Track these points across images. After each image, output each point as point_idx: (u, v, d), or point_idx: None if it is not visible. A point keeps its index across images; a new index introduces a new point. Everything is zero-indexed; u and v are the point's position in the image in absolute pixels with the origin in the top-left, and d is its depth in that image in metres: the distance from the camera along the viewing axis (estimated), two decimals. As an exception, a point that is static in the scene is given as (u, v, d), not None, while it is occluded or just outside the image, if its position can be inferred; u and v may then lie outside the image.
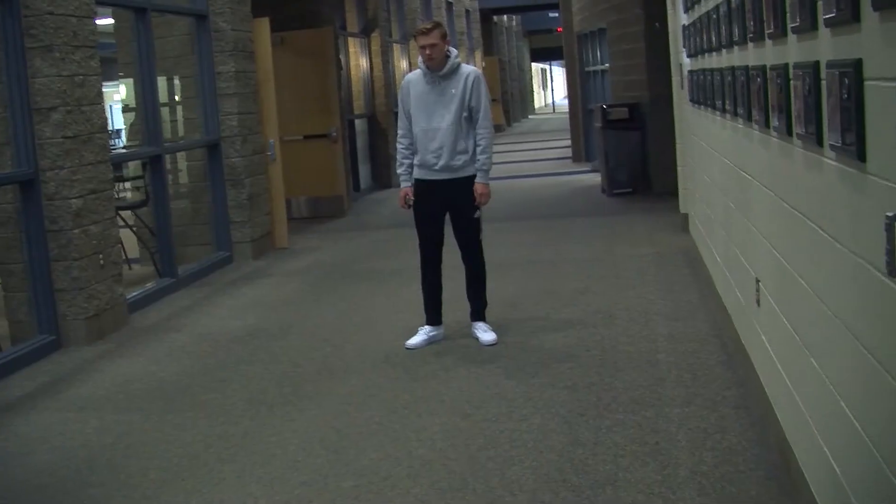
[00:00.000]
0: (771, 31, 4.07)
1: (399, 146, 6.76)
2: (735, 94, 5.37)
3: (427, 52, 6.43)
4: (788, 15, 3.68)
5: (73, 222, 7.21)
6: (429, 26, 6.46)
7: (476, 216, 6.70)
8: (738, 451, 4.50)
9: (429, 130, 6.56)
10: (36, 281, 7.22)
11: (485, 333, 6.67)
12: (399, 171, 6.79)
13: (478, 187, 6.63)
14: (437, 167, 6.58)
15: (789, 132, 3.79)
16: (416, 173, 6.70)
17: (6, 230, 7.45)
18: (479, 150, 6.59)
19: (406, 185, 6.74)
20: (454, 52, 6.60)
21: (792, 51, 3.69)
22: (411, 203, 6.75)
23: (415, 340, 6.68)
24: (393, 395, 5.70)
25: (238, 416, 5.56)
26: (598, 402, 5.28)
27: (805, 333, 3.79)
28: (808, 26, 3.31)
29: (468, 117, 6.55)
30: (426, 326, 6.79)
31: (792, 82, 3.68)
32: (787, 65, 3.77)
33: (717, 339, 6.27)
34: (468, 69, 6.62)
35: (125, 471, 4.86)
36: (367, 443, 4.96)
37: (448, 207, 6.74)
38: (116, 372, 6.65)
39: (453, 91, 6.51)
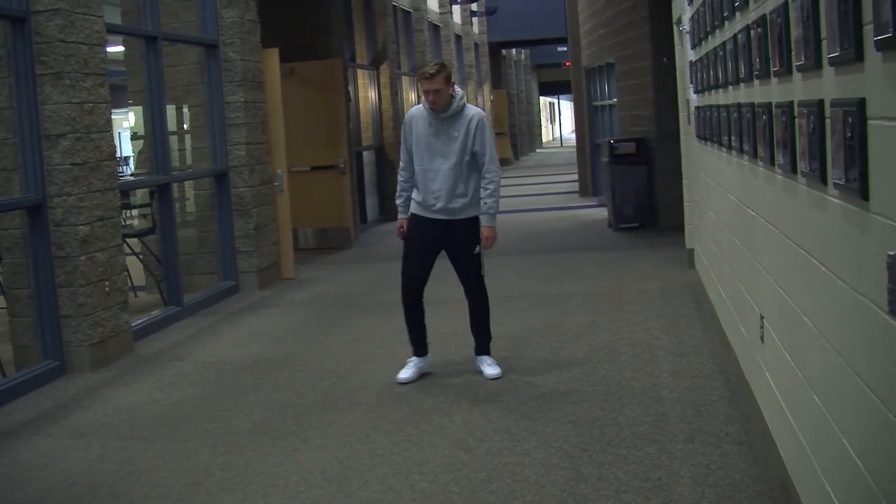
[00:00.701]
0: (776, 68, 4.09)
1: (399, 178, 6.76)
2: (741, 131, 5.39)
3: (430, 96, 6.39)
4: (794, 53, 3.70)
5: (80, 249, 7.24)
6: (432, 71, 6.33)
7: (476, 252, 6.67)
8: (740, 487, 4.49)
9: (429, 171, 6.53)
10: (42, 307, 7.23)
11: (489, 367, 6.66)
12: (397, 202, 6.79)
13: (484, 231, 6.61)
14: (435, 208, 6.56)
15: (794, 169, 3.80)
16: (414, 208, 6.67)
17: (13, 255, 7.49)
18: (486, 193, 6.54)
19: (402, 217, 6.74)
20: (459, 93, 6.53)
21: (797, 89, 3.71)
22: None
23: (406, 374, 6.66)
24: (396, 428, 5.69)
25: (241, 445, 5.56)
26: (602, 438, 5.27)
27: (807, 370, 3.79)
28: (813, 65, 3.32)
29: (470, 161, 6.50)
30: (414, 358, 6.77)
31: (797, 120, 3.69)
32: (791, 102, 3.79)
33: (722, 375, 6.26)
34: (472, 111, 6.55)
35: (127, 498, 4.86)
36: (370, 474, 4.95)
37: (445, 246, 6.70)
38: (120, 399, 6.66)
39: (456, 134, 6.47)
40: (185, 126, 11.16)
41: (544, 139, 57.31)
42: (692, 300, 8.62)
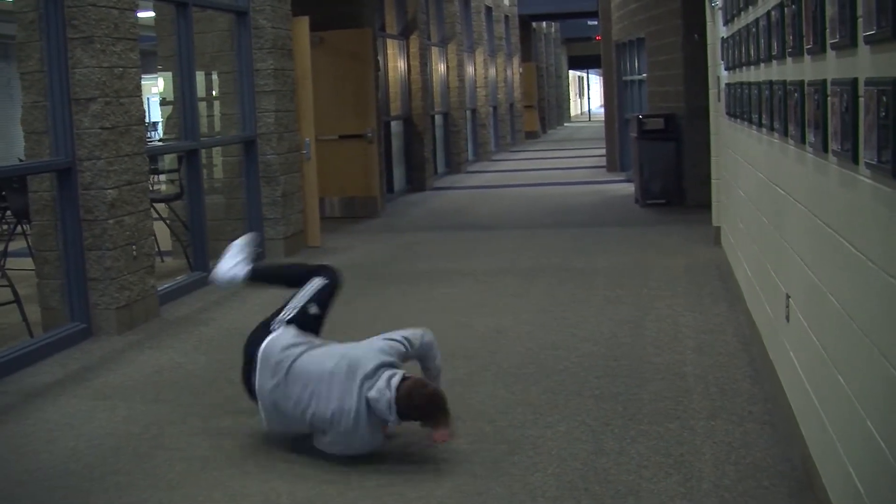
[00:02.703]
0: (810, 46, 4.06)
1: None
2: (772, 109, 5.36)
3: None
4: (828, 31, 3.67)
5: (108, 212, 7.27)
6: None
7: None
8: (762, 466, 4.48)
9: None
10: (69, 269, 7.28)
11: None
12: None
13: None
14: None
15: (825, 148, 3.78)
16: None
17: (42, 218, 7.53)
18: None
19: None
20: None
21: (830, 67, 3.68)
22: None
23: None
24: (418, 397, 5.70)
25: (264, 411, 5.57)
26: (624, 413, 5.28)
27: (833, 351, 3.78)
28: (848, 43, 3.30)
29: None
30: None
31: (829, 99, 3.67)
32: (825, 81, 3.77)
33: (746, 354, 6.25)
34: None
35: (151, 460, 4.90)
36: (391, 443, 4.97)
37: None
38: (145, 362, 6.70)
39: None
40: (214, 93, 11.18)
41: (572, 113, 57.10)
42: (718, 278, 8.59)
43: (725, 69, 8.60)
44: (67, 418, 5.60)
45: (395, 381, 4.61)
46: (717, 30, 9.51)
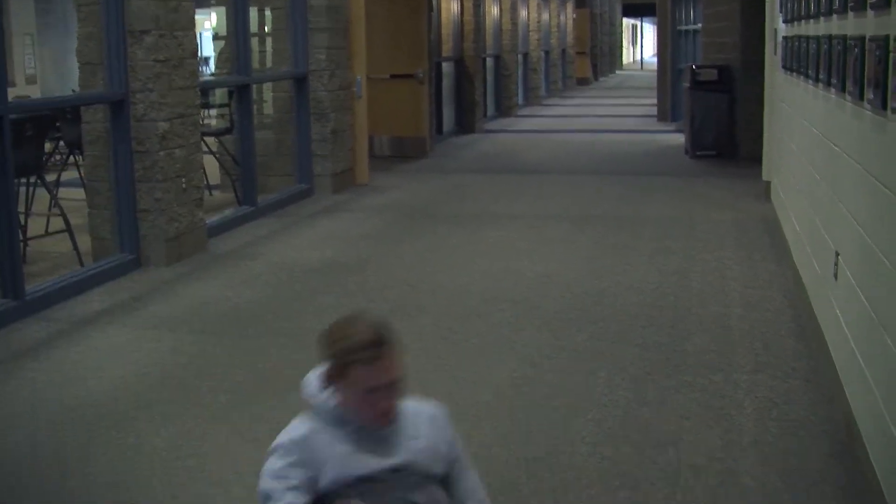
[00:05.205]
0: (873, 1, 3.99)
1: None
2: (830, 64, 5.28)
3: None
4: (894, -14, 3.61)
5: (160, 145, 7.32)
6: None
7: None
8: (803, 424, 4.48)
9: None
10: (120, 200, 7.34)
11: None
12: None
13: None
14: None
15: (884, 106, 3.73)
16: None
17: (94, 149, 7.59)
18: None
19: None
20: None
21: (894, 22, 3.62)
22: None
23: None
24: (463, 339, 5.75)
25: (309, 345, 5.58)
26: (667, 363, 5.28)
27: (882, 312, 3.75)
28: (914, 0, 3.24)
29: None
30: None
31: (891, 55, 3.61)
32: (887, 37, 3.70)
33: (792, 310, 6.22)
34: None
35: (196, 391, 4.97)
36: (433, 384, 5.00)
37: None
38: (193, 294, 6.78)
39: None
40: (267, 28, 11.17)
41: (625, 61, 56.51)
42: (766, 232, 8.53)
43: (783, 22, 8.48)
44: (115, 347, 5.68)
45: None
46: (778, -19, 9.36)
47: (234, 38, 9.24)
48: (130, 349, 5.64)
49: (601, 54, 39.24)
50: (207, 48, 24.45)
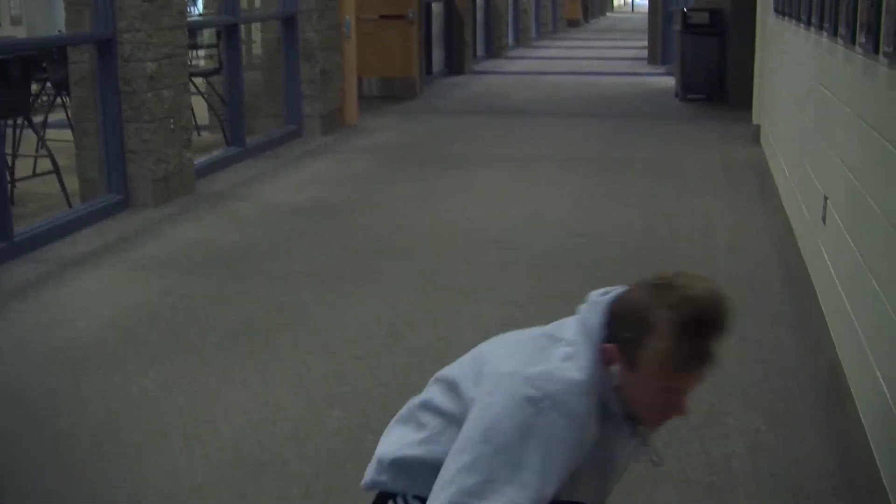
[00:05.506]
0: (867, -56, 3.97)
1: None
2: (822, 8, 5.26)
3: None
4: (887, -71, 3.58)
5: (147, 85, 7.26)
6: None
7: None
8: (789, 368, 4.50)
9: None
10: (108, 141, 7.31)
11: None
12: None
13: None
14: None
15: (876, 50, 3.71)
16: None
17: (82, 90, 7.54)
18: None
19: None
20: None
21: (887, -34, 3.60)
22: None
23: None
24: (451, 281, 5.75)
25: (297, 287, 5.65)
26: (654, 306, 5.28)
27: (870, 256, 3.76)
28: (908, -58, 3.22)
29: None
30: None
31: (884, -1, 3.59)
32: (880, -20, 3.68)
33: (779, 254, 6.23)
34: None
35: (185, 331, 4.97)
36: (422, 324, 5.02)
37: None
38: (181, 235, 6.77)
39: None
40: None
41: (615, 3, 56.18)
42: (755, 176, 8.53)
43: (776, -37, 8.43)
44: (104, 288, 5.68)
45: None
46: (771, -78, 9.29)
47: (222, -23, 9.16)
48: (119, 290, 5.64)
49: (592, -4, 39.00)
50: (195, -13, 24.20)
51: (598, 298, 2.24)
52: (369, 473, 2.38)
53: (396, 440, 2.37)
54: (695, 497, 3.40)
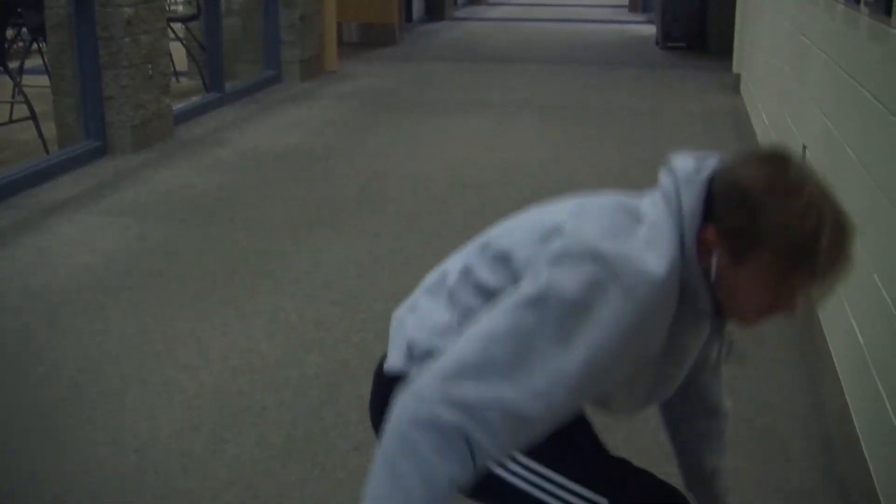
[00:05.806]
0: None
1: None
2: (804, -46, 5.25)
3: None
4: None
5: (125, 30, 7.20)
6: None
7: None
8: (766, 328, 4.52)
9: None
10: (85, 87, 7.25)
11: None
12: None
13: None
14: None
15: (857, 0, 3.72)
16: None
17: (58, 35, 7.45)
18: None
19: None
20: None
21: (868, -86, 3.59)
22: None
23: None
24: (429, 226, 5.76)
25: (276, 233, 5.65)
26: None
27: (847, 204, 3.75)
28: None
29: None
30: None
31: (864, -53, 3.59)
32: (861, -72, 3.68)
33: (757, 202, 6.24)
34: None
35: (163, 276, 4.97)
36: (401, 270, 5.04)
37: None
38: (160, 181, 6.74)
39: None
40: None
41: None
42: (734, 125, 8.55)
43: (758, -90, 8.39)
44: (83, 234, 5.67)
45: None
46: None
47: (200, -80, 9.06)
48: (97, 236, 5.63)
49: (574, -58, 38.72)
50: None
51: (693, 176, 1.90)
52: (398, 361, 2.02)
53: (428, 323, 2.04)
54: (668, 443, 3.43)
